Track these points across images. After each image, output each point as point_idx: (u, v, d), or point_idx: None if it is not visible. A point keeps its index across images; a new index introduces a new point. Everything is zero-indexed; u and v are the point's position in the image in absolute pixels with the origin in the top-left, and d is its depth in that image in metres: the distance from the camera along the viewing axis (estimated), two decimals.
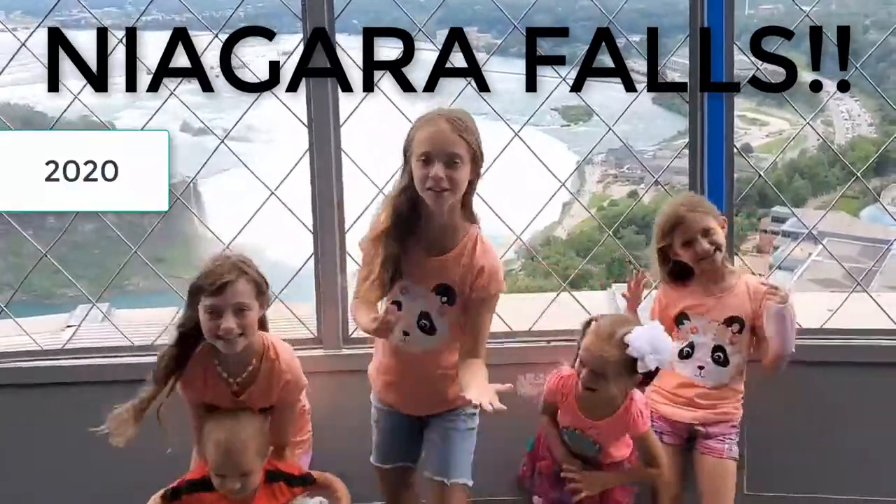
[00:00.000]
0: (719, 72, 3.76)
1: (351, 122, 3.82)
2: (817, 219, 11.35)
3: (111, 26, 4.13)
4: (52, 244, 3.92)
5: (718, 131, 3.83)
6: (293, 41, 3.61)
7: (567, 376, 3.45)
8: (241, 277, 2.94)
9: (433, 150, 2.88)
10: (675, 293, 3.70)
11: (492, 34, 24.93)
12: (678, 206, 3.56)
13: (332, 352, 3.86)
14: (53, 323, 4.21)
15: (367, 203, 3.77)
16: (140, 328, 4.00)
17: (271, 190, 3.90)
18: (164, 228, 4.87)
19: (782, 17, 18.26)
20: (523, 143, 4.03)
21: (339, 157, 3.79)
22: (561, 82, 3.87)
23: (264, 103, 3.82)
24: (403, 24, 3.72)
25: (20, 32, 4.30)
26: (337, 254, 3.81)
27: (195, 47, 3.45)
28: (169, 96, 3.83)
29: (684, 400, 3.63)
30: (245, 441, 3.02)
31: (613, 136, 4.32)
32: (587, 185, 18.34)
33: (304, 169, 3.90)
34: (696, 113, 3.86)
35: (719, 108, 3.80)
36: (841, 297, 4.05)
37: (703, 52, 3.69)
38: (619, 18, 4.10)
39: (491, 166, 3.88)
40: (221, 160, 4.33)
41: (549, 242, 16.67)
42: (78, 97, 3.93)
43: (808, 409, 3.95)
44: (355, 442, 3.61)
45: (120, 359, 3.83)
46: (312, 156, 3.79)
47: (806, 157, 17.06)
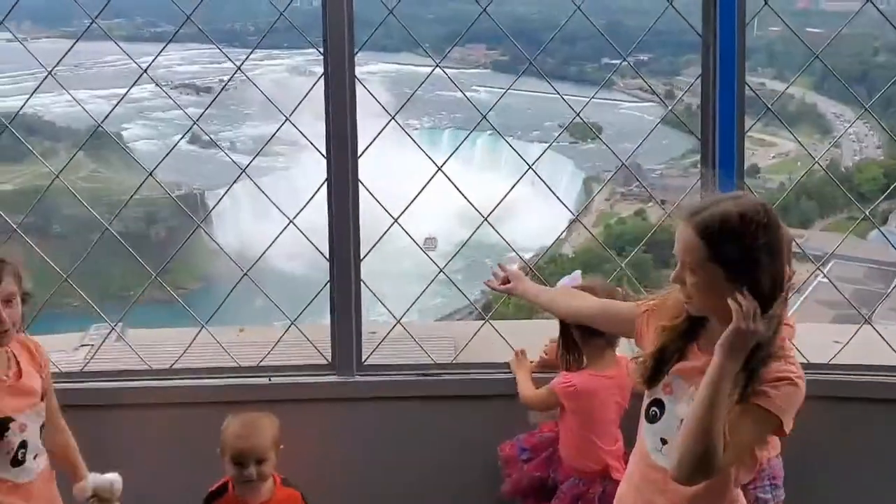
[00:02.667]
0: (730, 93, 3.73)
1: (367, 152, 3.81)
2: (825, 240, 11.31)
3: (120, 38, 4.14)
4: (74, 266, 3.86)
5: (729, 152, 3.80)
6: (306, 56, 3.60)
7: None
8: (6, 267, 2.79)
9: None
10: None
11: (500, 50, 25.17)
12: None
13: (345, 378, 3.82)
14: (65, 341, 4.15)
15: (381, 232, 3.77)
16: (152, 348, 3.94)
17: (290, 219, 3.88)
18: (169, 240, 4.86)
19: (790, 38, 18.31)
20: (538, 176, 3.96)
21: (356, 187, 3.78)
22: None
23: (278, 118, 3.81)
24: (411, 42, 3.71)
25: (29, 43, 4.33)
26: (353, 280, 3.79)
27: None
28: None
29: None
30: (262, 430, 3.16)
31: (621, 154, 4.30)
32: (594, 203, 18.38)
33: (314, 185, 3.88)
34: (708, 138, 3.83)
35: (730, 128, 3.78)
36: (845, 327, 3.96)
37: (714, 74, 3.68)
38: (626, 36, 4.10)
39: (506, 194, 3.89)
40: (229, 172, 4.32)
41: (554, 260, 16.69)
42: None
43: (815, 443, 3.82)
44: (365, 468, 3.60)
45: (135, 382, 3.79)
46: (330, 185, 3.78)
47: (813, 179, 17.07)
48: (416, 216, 3.87)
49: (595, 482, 3.37)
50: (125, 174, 20.10)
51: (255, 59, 3.95)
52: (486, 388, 3.53)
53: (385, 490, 3.52)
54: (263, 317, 7.24)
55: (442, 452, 3.56)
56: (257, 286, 3.84)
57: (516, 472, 3.47)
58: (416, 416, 3.58)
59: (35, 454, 2.75)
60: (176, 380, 3.63)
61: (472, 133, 7.28)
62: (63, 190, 4.06)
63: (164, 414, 3.56)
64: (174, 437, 3.53)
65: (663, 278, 4.07)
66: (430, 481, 3.58)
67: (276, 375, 3.68)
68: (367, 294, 3.73)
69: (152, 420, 3.46)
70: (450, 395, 3.56)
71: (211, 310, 3.89)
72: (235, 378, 3.70)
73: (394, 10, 3.63)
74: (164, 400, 3.60)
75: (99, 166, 19.66)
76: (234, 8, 22.80)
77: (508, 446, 3.47)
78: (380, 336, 3.75)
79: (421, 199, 3.85)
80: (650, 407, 2.36)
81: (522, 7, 19.26)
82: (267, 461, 3.13)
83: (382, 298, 3.83)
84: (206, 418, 3.54)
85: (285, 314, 3.76)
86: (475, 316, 14.81)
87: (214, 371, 3.74)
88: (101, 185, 17.45)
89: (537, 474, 3.46)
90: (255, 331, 4.16)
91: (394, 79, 22.21)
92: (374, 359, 3.67)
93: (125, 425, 3.26)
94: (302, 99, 3.71)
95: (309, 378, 3.67)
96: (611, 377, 3.37)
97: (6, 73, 18.08)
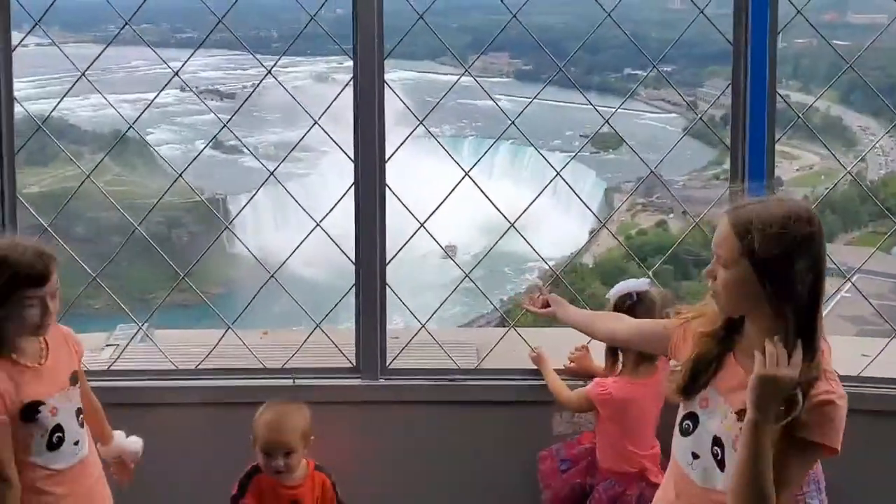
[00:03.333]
0: (761, 102, 3.70)
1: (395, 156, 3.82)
2: (848, 254, 11.18)
3: (147, 43, 4.17)
4: (104, 266, 3.90)
5: (759, 162, 3.76)
6: (338, 61, 3.62)
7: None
8: (55, 263, 2.89)
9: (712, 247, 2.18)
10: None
11: (523, 60, 25.17)
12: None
13: (371, 382, 3.82)
14: (90, 341, 4.18)
15: (400, 240, 3.77)
16: (178, 348, 3.96)
17: (317, 222, 3.89)
18: (191, 243, 4.90)
19: (816, 49, 18.21)
20: (566, 182, 3.95)
21: (382, 192, 3.79)
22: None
23: (307, 122, 3.83)
24: (439, 48, 3.72)
25: (57, 48, 4.38)
26: (378, 284, 3.80)
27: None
28: None
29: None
30: (292, 422, 3.23)
31: (643, 164, 4.28)
32: (615, 214, 18.31)
33: (339, 191, 3.88)
34: (738, 149, 3.80)
35: (761, 137, 3.75)
36: (872, 340, 3.91)
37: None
38: (651, 47, 4.08)
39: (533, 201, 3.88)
40: (252, 178, 4.35)
41: (575, 269, 16.63)
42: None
43: (846, 456, 3.77)
44: (390, 471, 3.59)
45: (164, 382, 3.82)
46: (357, 189, 3.79)
47: (837, 193, 16.91)
48: (435, 225, 3.87)
49: (632, 484, 3.37)
50: (148, 178, 20.33)
51: (279, 67, 3.98)
52: (509, 394, 3.53)
53: (407, 493, 3.52)
54: (283, 322, 7.29)
55: (465, 457, 3.57)
56: (283, 288, 3.86)
57: (556, 482, 3.47)
58: (440, 421, 3.58)
59: (76, 441, 2.82)
60: (201, 380, 3.67)
61: (493, 142, 7.26)
62: (86, 193, 4.10)
63: (189, 413, 3.58)
64: (198, 437, 3.55)
65: (684, 290, 4.03)
66: (453, 486, 3.58)
67: (301, 377, 3.70)
68: (392, 298, 3.75)
69: (177, 419, 3.48)
70: (473, 401, 3.55)
71: (232, 314, 3.91)
72: (260, 379, 3.73)
73: (424, 14, 3.65)
74: (190, 400, 3.63)
75: (123, 170, 19.87)
76: (259, 16, 22.99)
77: (549, 460, 3.46)
78: (402, 341, 3.76)
79: (440, 209, 3.86)
80: (684, 420, 2.29)
81: (547, 17, 19.28)
82: (295, 453, 3.21)
83: (402, 306, 3.84)
84: (231, 418, 3.56)
85: (311, 317, 3.77)
86: (495, 324, 14.79)
87: (239, 372, 3.76)
88: (124, 188, 17.64)
89: (577, 481, 3.45)
90: (278, 334, 4.19)
91: (413, 86, 22.28)
92: (397, 363, 3.69)
93: (150, 424, 3.27)
94: (331, 102, 3.73)
95: (333, 381, 3.69)
96: (649, 384, 3.36)
97: (33, 76, 18.33)
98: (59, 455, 2.79)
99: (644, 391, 3.34)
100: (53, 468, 2.78)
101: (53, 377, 2.85)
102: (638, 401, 3.32)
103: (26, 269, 2.74)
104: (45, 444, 2.77)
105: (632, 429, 3.34)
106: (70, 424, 2.85)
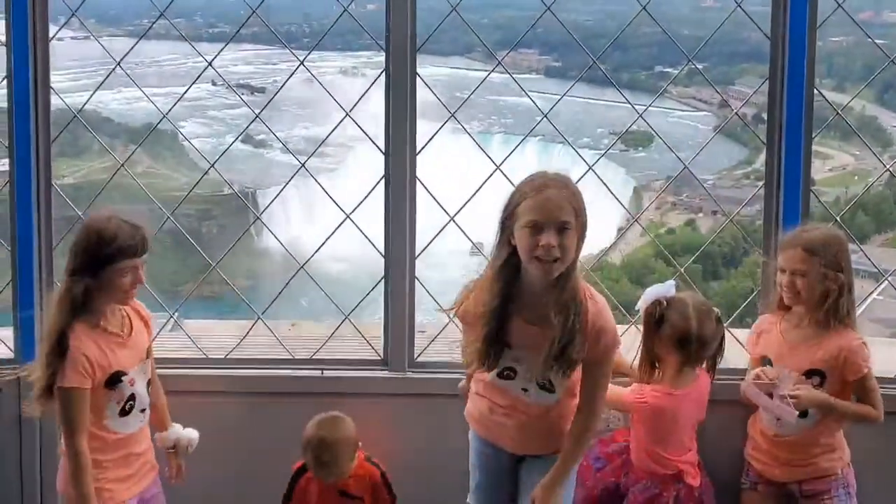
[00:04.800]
0: (799, 98, 3.64)
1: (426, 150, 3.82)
2: (882, 256, 11.04)
3: (180, 37, 4.22)
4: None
5: (796, 169, 3.70)
6: (367, 56, 3.65)
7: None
8: (146, 235, 2.94)
9: (543, 218, 2.70)
10: (771, 325, 3.45)
11: (552, 57, 25.06)
12: (801, 233, 3.35)
13: (398, 374, 3.86)
14: None
15: (437, 229, 3.78)
16: (207, 338, 4.00)
17: (346, 214, 3.91)
18: (220, 235, 4.94)
19: (851, 47, 17.97)
20: (596, 175, 3.93)
21: (413, 185, 3.80)
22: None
23: (335, 118, 3.85)
24: (468, 44, 3.72)
25: (93, 41, 4.45)
26: (406, 277, 3.82)
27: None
28: None
29: (772, 455, 3.40)
30: (343, 452, 3.36)
31: (672, 162, 4.25)
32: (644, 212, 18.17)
33: (366, 185, 3.89)
34: (774, 147, 3.75)
35: (797, 147, 3.68)
36: None
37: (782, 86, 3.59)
38: (683, 45, 4.03)
39: None
40: (281, 172, 4.38)
41: (602, 268, 16.53)
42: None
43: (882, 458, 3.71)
44: (416, 463, 3.62)
45: (194, 370, 3.86)
46: (388, 183, 3.81)
47: (870, 194, 16.66)
48: (462, 221, 3.88)
49: (668, 485, 3.36)
50: (178, 171, 20.51)
51: (309, 61, 4.00)
52: None
53: (434, 486, 3.57)
54: (311, 315, 7.34)
55: None
56: (313, 280, 3.90)
57: (590, 480, 3.46)
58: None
59: (142, 408, 2.95)
60: (231, 369, 3.73)
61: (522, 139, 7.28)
62: (119, 185, 4.16)
63: (218, 402, 3.68)
64: (227, 426, 3.63)
65: (713, 291, 3.99)
66: None
67: (329, 369, 3.74)
68: (420, 291, 3.77)
69: (207, 408, 3.55)
70: None
71: (260, 307, 3.95)
72: (289, 369, 3.77)
73: (457, 6, 3.65)
74: (219, 388, 3.72)
75: (154, 163, 20.06)
76: (289, 11, 23.09)
77: None
78: (429, 335, 3.78)
79: (468, 206, 3.87)
80: (504, 370, 2.94)
81: (577, 15, 19.18)
82: (346, 471, 3.38)
83: (425, 302, 3.87)
84: (260, 408, 3.64)
85: (339, 308, 3.81)
86: None
87: (268, 363, 3.81)
88: (156, 181, 17.81)
89: (612, 479, 3.46)
90: (307, 326, 4.24)
91: (445, 83, 22.27)
92: (425, 356, 3.72)
93: (180, 412, 3.33)
94: (363, 94, 3.77)
95: (362, 373, 3.72)
96: (686, 394, 3.34)
97: (67, 69, 18.60)
98: (127, 421, 2.96)
99: (681, 401, 3.33)
100: (120, 432, 2.95)
101: (135, 349, 2.99)
102: (672, 410, 3.30)
103: (126, 241, 2.85)
104: (118, 410, 2.94)
105: (663, 438, 3.33)
106: (142, 394, 3.00)
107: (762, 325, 3.53)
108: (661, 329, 3.35)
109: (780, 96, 3.66)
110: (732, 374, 3.63)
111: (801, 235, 3.33)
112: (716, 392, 3.50)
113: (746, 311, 4.15)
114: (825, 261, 3.26)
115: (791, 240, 3.34)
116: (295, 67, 3.89)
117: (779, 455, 3.39)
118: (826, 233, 3.36)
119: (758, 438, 3.45)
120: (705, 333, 3.33)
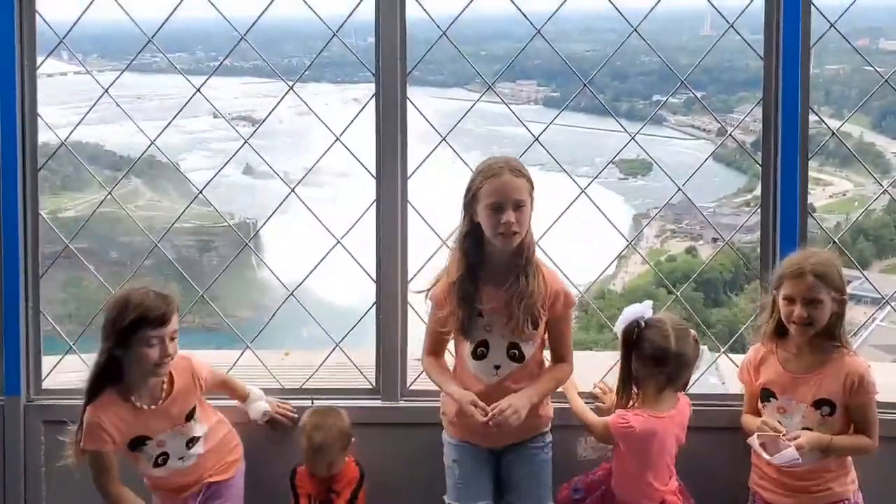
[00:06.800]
0: (794, 125, 3.65)
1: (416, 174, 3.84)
2: (883, 282, 11.00)
3: (181, 71, 4.25)
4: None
5: (792, 192, 3.70)
6: (361, 88, 3.70)
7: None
8: (174, 306, 3.05)
9: (503, 199, 3.20)
10: (767, 355, 3.38)
11: (551, 87, 25.19)
12: (804, 260, 3.29)
13: (391, 404, 3.83)
14: None
15: (429, 254, 3.79)
16: None
17: (338, 239, 3.92)
18: (221, 266, 4.96)
19: (848, 76, 18.05)
20: (591, 201, 3.96)
21: (405, 209, 3.81)
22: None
23: (325, 144, 3.89)
24: (468, 75, 3.77)
25: (98, 74, 4.48)
26: (399, 304, 3.81)
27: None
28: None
29: (782, 483, 3.36)
30: (333, 446, 3.47)
31: (672, 191, 4.26)
32: (645, 241, 18.16)
33: (358, 210, 3.90)
34: (770, 173, 3.76)
35: (793, 169, 3.69)
36: None
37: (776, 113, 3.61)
38: (681, 73, 4.07)
39: (556, 221, 3.88)
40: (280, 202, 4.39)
41: (603, 296, 16.48)
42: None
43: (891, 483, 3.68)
44: (412, 492, 3.59)
45: None
46: (379, 207, 3.81)
47: (871, 219, 16.65)
48: None
49: None
50: (180, 203, 20.57)
51: (308, 93, 4.04)
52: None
53: None
54: (310, 346, 7.32)
55: None
56: (302, 306, 3.91)
57: None
58: None
59: (181, 457, 2.98)
60: (218, 399, 3.71)
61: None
62: (120, 218, 4.18)
63: None
64: None
65: (714, 317, 4.00)
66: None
67: (320, 398, 3.72)
68: (413, 318, 3.76)
69: None
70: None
71: (260, 337, 3.95)
72: (278, 398, 3.75)
73: (447, 31, 3.69)
74: None
75: (156, 195, 20.13)
76: (293, 45, 23.28)
77: (563, 489, 3.43)
78: None
79: None
80: (478, 347, 3.35)
81: (574, 45, 19.32)
82: (336, 464, 3.50)
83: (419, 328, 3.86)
84: (249, 437, 3.59)
85: (330, 336, 3.81)
86: None
87: None
88: (158, 213, 17.85)
89: None
90: (301, 355, 4.23)
91: (446, 112, 22.34)
92: (418, 385, 3.71)
93: None
94: (354, 117, 3.80)
95: (353, 402, 3.71)
96: (670, 416, 3.32)
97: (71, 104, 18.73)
98: (164, 469, 3.12)
99: (666, 424, 3.30)
100: (159, 475, 3.14)
101: (167, 416, 3.04)
102: (659, 434, 3.28)
103: (149, 311, 2.89)
104: (151, 464, 3.11)
105: (653, 462, 3.29)
106: (176, 450, 3.03)
107: (757, 355, 3.46)
108: (639, 349, 3.33)
109: (774, 118, 3.68)
110: (733, 400, 3.61)
111: (807, 262, 3.25)
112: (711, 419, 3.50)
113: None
114: (833, 285, 3.23)
115: (797, 268, 3.25)
116: (283, 93, 3.94)
117: (789, 483, 3.35)
118: (826, 255, 3.36)
119: (764, 468, 3.41)
120: (684, 352, 3.31)
